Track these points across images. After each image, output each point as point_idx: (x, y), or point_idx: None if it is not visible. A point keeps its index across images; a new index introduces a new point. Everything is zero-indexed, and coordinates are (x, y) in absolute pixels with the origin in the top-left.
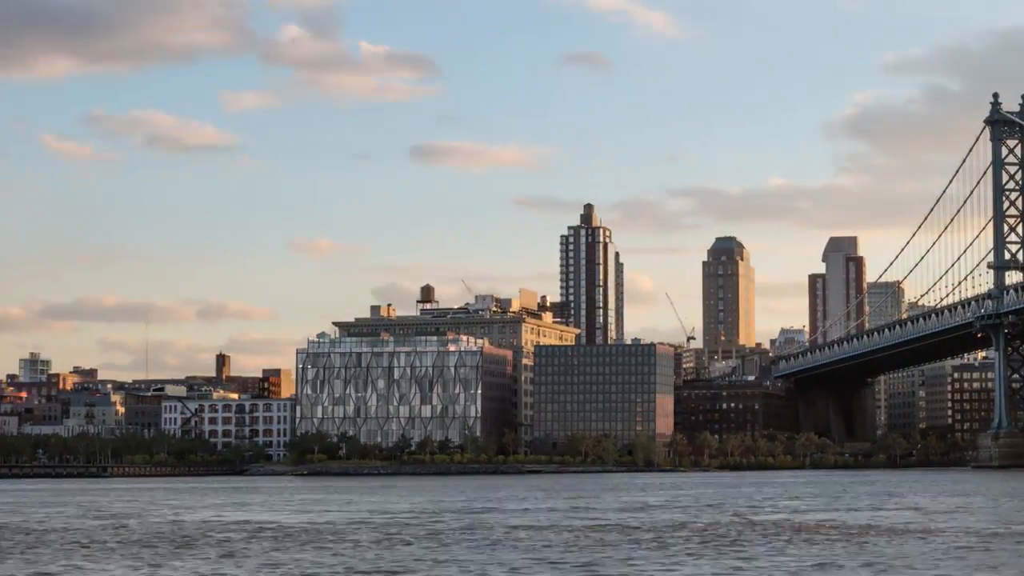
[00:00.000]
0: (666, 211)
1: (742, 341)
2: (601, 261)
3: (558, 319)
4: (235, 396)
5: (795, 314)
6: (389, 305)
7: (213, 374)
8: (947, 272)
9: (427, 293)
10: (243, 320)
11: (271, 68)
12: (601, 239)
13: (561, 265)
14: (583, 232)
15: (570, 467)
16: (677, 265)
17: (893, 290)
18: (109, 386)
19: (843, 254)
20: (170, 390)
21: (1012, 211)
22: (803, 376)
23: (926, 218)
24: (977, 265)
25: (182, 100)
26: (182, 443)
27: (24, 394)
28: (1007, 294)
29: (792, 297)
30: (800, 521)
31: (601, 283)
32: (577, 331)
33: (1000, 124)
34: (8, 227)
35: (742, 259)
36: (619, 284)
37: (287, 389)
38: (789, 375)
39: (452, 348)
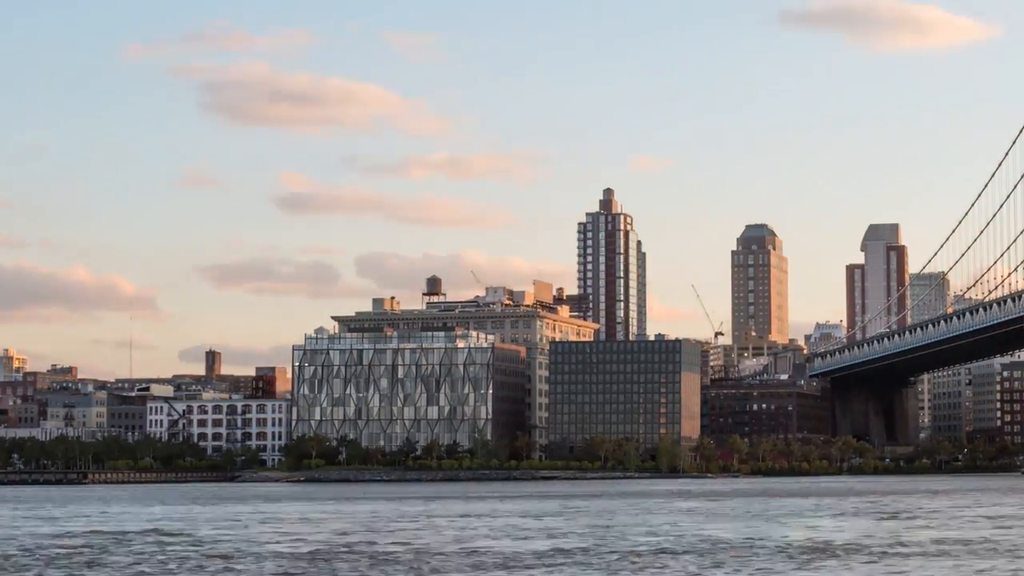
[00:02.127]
0: (690, 197)
1: (774, 337)
2: (622, 250)
3: (575, 313)
4: (226, 396)
5: (831, 308)
6: (392, 298)
7: (202, 372)
8: (996, 262)
9: (434, 285)
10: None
11: None
12: (622, 227)
13: (579, 255)
14: (602, 219)
15: (588, 473)
16: (704, 255)
17: (938, 282)
18: (90, 385)
19: (884, 243)
20: (156, 390)
21: None
22: (840, 375)
23: (973, 204)
24: None
25: None
26: (169, 447)
27: None
28: None
29: (828, 289)
30: None
31: (622, 274)
32: (596, 326)
33: None
34: None
35: (774, 248)
36: (641, 275)
37: (283, 389)
38: (825, 374)
39: (461, 344)
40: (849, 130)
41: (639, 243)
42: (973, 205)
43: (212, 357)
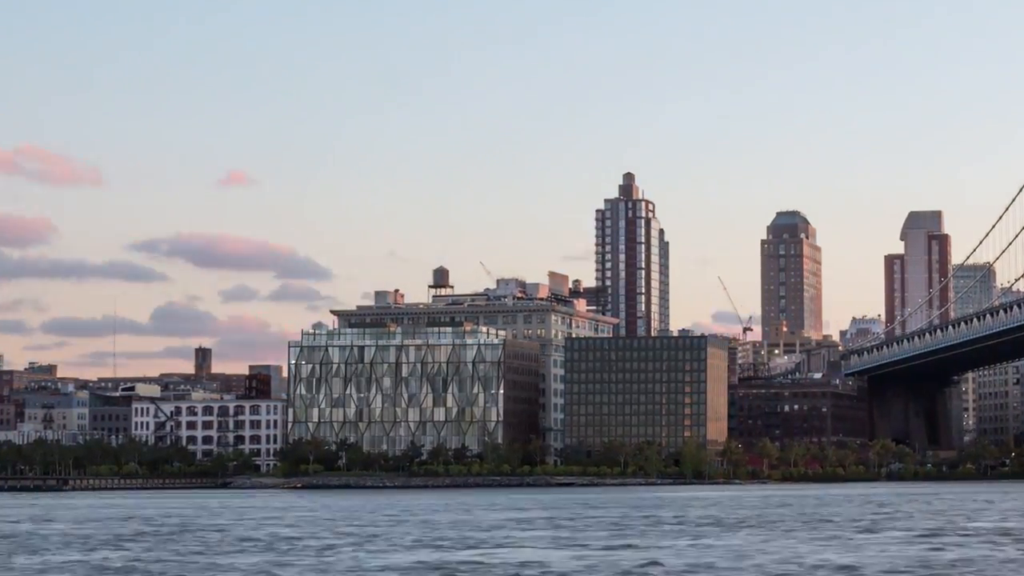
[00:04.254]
0: (716, 182)
1: (807, 333)
2: (643, 239)
3: (593, 307)
4: (218, 397)
5: (869, 301)
6: (396, 291)
7: (192, 371)
8: None
9: (441, 277)
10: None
11: None
12: (643, 213)
13: (597, 244)
14: (622, 205)
15: (607, 479)
16: (732, 244)
17: (983, 273)
18: (71, 385)
19: (925, 231)
20: (142, 390)
21: None
22: (878, 373)
23: (1022, 189)
24: None
25: None
26: (155, 451)
27: None
28: None
29: (865, 281)
30: None
31: (643, 265)
32: (615, 321)
33: None
34: None
35: (807, 237)
36: (664, 266)
37: (278, 388)
38: (862, 372)
39: (470, 341)
40: (888, 110)
41: (662, 231)
42: (1022, 190)
43: (202, 354)
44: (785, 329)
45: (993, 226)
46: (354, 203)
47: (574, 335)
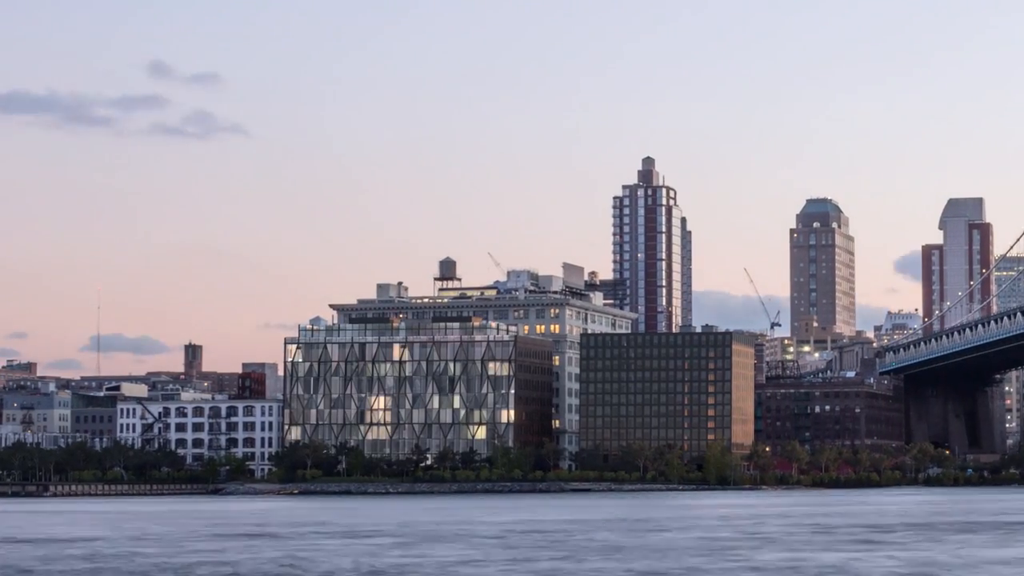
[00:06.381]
0: (742, 167)
1: (839, 328)
2: (664, 229)
3: (610, 300)
4: (209, 397)
5: (905, 295)
6: (400, 283)
7: (181, 370)
8: None
9: (447, 268)
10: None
11: None
12: (664, 201)
13: (614, 234)
14: (641, 192)
15: (625, 485)
16: (759, 233)
17: None
18: (52, 384)
19: (965, 220)
20: (128, 389)
21: None
22: (915, 372)
23: None
24: None
25: None
26: (142, 456)
27: None
28: None
29: (902, 273)
30: None
31: (664, 256)
32: (634, 316)
33: None
34: None
35: (839, 226)
36: (686, 257)
37: (273, 388)
38: (898, 371)
39: (478, 337)
40: (926, 91)
41: (683, 220)
42: None
43: (193, 352)
44: (816, 324)
45: None
46: (355, 191)
47: (590, 331)
